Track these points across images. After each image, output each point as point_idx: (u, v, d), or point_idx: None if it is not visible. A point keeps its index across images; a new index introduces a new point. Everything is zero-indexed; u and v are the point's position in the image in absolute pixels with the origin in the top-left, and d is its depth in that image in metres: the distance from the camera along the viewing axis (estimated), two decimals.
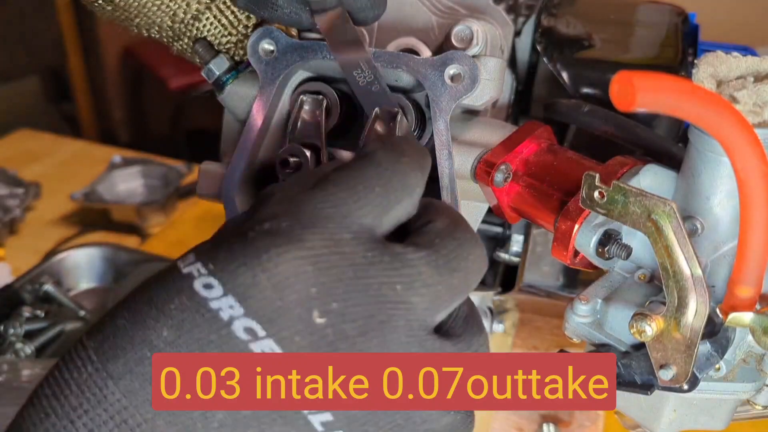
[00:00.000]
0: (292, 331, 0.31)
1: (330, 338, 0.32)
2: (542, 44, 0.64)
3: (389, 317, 0.33)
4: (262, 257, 0.32)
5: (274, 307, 0.31)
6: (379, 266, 0.33)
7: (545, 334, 0.98)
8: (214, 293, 0.32)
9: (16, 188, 1.40)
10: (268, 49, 0.52)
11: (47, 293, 1.03)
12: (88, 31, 2.77)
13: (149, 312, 0.32)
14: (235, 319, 0.31)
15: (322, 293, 0.32)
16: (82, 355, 0.32)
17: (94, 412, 0.31)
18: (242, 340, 0.31)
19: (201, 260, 0.33)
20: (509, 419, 0.86)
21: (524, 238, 0.69)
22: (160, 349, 0.31)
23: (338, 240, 0.33)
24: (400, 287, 0.33)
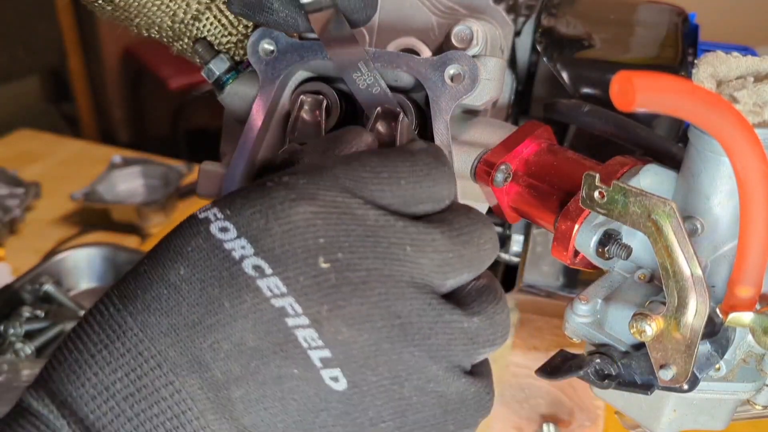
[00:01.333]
0: (297, 272, 0.33)
1: (332, 282, 0.34)
2: (542, 44, 0.64)
3: (394, 272, 0.34)
4: (276, 207, 0.34)
5: (282, 250, 0.33)
6: (390, 229, 0.35)
7: (545, 334, 0.98)
8: (228, 235, 0.34)
9: (16, 188, 1.40)
10: (268, 49, 0.52)
11: (47, 293, 1.03)
12: (88, 31, 2.77)
13: (167, 254, 0.35)
14: (246, 257, 0.33)
15: (330, 243, 0.34)
16: (105, 302, 0.35)
17: (112, 345, 0.33)
18: (250, 276, 0.33)
19: (218, 206, 0.35)
20: (509, 419, 0.86)
21: (524, 238, 0.69)
22: (177, 286, 0.34)
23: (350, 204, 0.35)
24: (410, 248, 0.35)
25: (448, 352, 0.35)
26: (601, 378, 0.43)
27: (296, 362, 0.33)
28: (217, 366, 0.33)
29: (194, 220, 0.35)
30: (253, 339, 0.33)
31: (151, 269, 0.35)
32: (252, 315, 0.33)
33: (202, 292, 0.34)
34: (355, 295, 0.34)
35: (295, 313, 0.33)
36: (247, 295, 0.33)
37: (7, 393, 0.84)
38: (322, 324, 0.33)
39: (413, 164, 0.37)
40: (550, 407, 0.87)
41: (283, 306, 0.33)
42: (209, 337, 0.33)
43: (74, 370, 0.34)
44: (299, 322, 0.33)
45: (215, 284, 0.33)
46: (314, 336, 0.33)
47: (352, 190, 0.35)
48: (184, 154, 2.35)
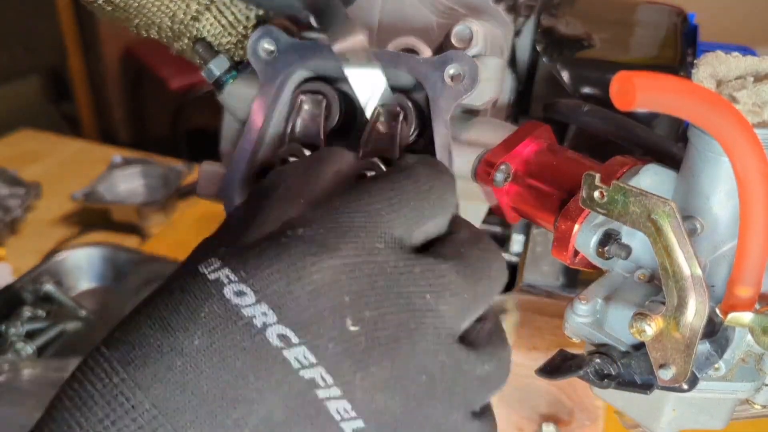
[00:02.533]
0: (326, 339, 0.31)
1: (363, 345, 0.32)
2: (542, 44, 0.64)
3: (419, 325, 0.33)
4: (297, 264, 0.32)
5: (308, 315, 0.31)
6: (409, 276, 0.33)
7: (545, 334, 0.98)
8: (246, 300, 0.31)
9: (16, 188, 1.40)
10: (268, 49, 0.52)
11: (48, 293, 1.03)
12: (88, 31, 2.77)
13: (177, 319, 0.32)
14: (269, 326, 0.31)
15: (355, 301, 0.32)
16: (105, 366, 0.31)
17: (121, 422, 0.30)
18: (276, 346, 0.31)
19: (229, 266, 0.32)
20: (509, 419, 0.86)
21: (524, 238, 0.69)
22: (192, 356, 0.31)
23: (371, 249, 0.33)
24: (430, 296, 0.33)
25: (465, 400, 0.35)
26: (601, 378, 0.43)
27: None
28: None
29: (203, 280, 0.32)
30: (282, 413, 0.31)
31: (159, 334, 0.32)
32: (281, 388, 0.31)
33: (222, 364, 0.31)
34: (385, 358, 0.32)
35: (326, 384, 0.31)
36: (275, 367, 0.31)
37: (8, 393, 0.84)
38: (354, 393, 0.32)
39: (416, 180, 0.36)
40: (550, 407, 0.87)
41: (313, 377, 0.31)
42: (233, 412, 0.31)
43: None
44: (331, 394, 0.31)
45: (237, 356, 0.31)
46: (347, 407, 0.32)
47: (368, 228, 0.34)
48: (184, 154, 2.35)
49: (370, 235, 0.33)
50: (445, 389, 0.34)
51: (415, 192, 0.36)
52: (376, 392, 0.32)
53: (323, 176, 0.37)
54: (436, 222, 0.36)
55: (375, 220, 0.34)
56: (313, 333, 0.31)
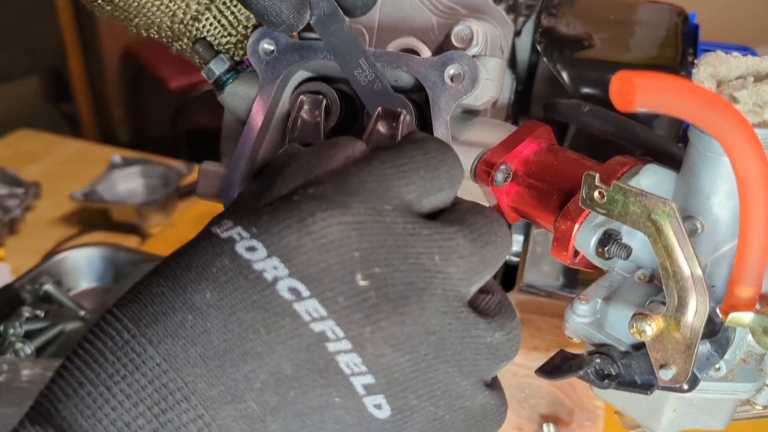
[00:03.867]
0: (336, 292, 0.32)
1: (373, 300, 0.32)
2: (542, 44, 0.64)
3: (428, 285, 0.33)
4: (308, 220, 0.32)
5: (318, 269, 0.31)
6: (418, 237, 0.34)
7: (545, 334, 0.98)
8: (257, 255, 0.32)
9: (16, 188, 1.40)
10: (268, 49, 0.52)
11: (47, 293, 1.03)
12: (88, 31, 2.77)
13: (188, 275, 0.32)
14: (279, 279, 0.31)
15: (365, 258, 0.32)
16: (115, 325, 0.32)
17: (132, 377, 0.30)
18: (286, 299, 0.31)
19: (241, 224, 0.33)
20: (509, 419, 0.86)
21: (524, 238, 0.69)
22: (203, 311, 0.31)
23: (380, 210, 0.33)
24: (438, 257, 0.34)
25: (475, 367, 0.35)
26: (601, 378, 0.43)
27: (338, 390, 0.32)
28: (252, 397, 0.31)
29: (216, 239, 0.33)
30: (291, 367, 0.31)
31: (170, 291, 0.32)
32: (290, 341, 0.31)
33: (232, 317, 0.31)
34: (395, 313, 0.32)
35: (336, 337, 0.31)
36: (284, 320, 0.31)
37: (7, 393, 0.84)
38: (365, 347, 0.32)
39: (426, 152, 0.36)
40: (550, 407, 0.87)
41: (323, 330, 0.31)
42: (243, 366, 0.31)
43: (88, 404, 0.30)
44: (341, 347, 0.31)
45: (247, 309, 0.31)
46: (357, 361, 0.31)
47: (378, 191, 0.34)
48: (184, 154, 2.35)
49: (380, 197, 0.34)
50: (455, 352, 0.34)
51: (426, 162, 0.36)
52: (386, 347, 0.32)
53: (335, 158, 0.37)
54: (444, 194, 0.37)
55: (385, 184, 0.34)
56: (324, 286, 0.31)
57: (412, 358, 0.33)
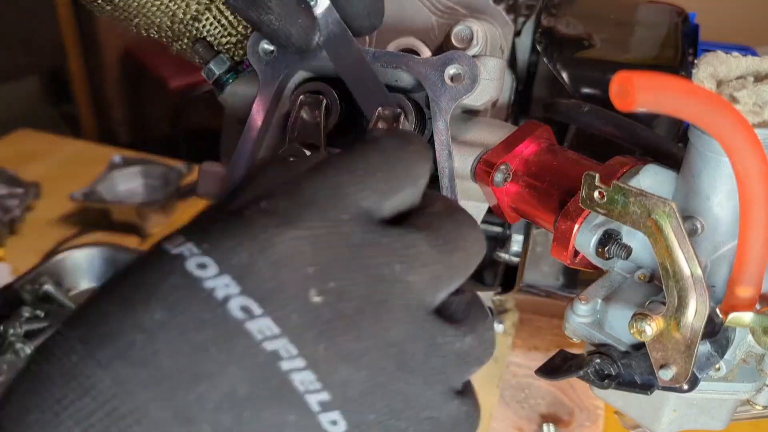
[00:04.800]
0: (289, 310, 0.31)
1: (326, 316, 0.31)
2: (542, 44, 0.64)
3: (386, 296, 0.32)
4: (260, 236, 0.31)
5: (270, 286, 0.31)
6: (377, 247, 0.33)
7: (545, 334, 0.98)
8: (208, 272, 0.31)
9: (16, 188, 1.39)
10: (267, 49, 0.52)
11: (47, 293, 1.03)
12: (88, 31, 2.77)
13: (137, 294, 0.31)
14: (231, 297, 0.30)
15: (320, 273, 0.31)
16: (63, 346, 0.31)
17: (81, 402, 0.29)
18: (238, 318, 0.30)
19: (192, 240, 0.32)
20: (509, 419, 0.86)
21: (524, 238, 0.69)
22: (152, 332, 0.30)
23: (336, 220, 0.32)
24: (399, 267, 0.33)
25: (442, 376, 0.34)
26: (601, 378, 0.43)
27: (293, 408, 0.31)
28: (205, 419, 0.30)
29: (166, 255, 0.32)
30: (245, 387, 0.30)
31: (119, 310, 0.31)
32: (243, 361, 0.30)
33: (182, 337, 0.30)
34: (350, 328, 0.31)
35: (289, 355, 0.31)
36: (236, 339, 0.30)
37: None
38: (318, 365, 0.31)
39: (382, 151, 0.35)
40: (550, 407, 0.87)
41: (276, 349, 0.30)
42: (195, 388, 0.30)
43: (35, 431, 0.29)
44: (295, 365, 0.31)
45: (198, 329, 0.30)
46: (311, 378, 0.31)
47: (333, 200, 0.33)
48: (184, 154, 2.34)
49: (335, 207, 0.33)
50: (418, 363, 0.33)
51: (382, 163, 0.34)
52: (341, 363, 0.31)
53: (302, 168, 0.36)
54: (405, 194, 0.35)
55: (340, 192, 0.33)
56: (276, 304, 0.31)
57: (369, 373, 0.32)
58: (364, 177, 0.34)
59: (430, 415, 0.34)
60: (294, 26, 0.45)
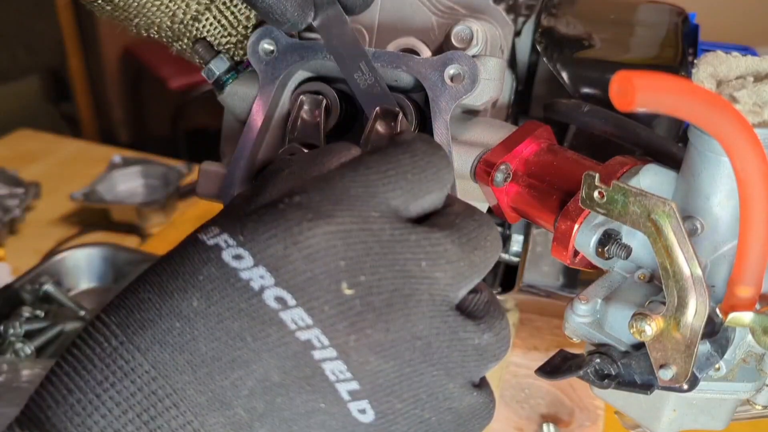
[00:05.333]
0: (322, 301, 0.32)
1: (358, 308, 0.32)
2: (542, 44, 0.64)
3: (414, 291, 0.33)
4: (294, 229, 0.32)
5: (304, 278, 0.32)
6: (405, 243, 0.34)
7: (545, 334, 0.98)
8: (244, 264, 0.32)
9: (16, 188, 1.40)
10: (268, 49, 0.52)
11: (47, 293, 1.03)
12: (88, 31, 2.77)
13: (175, 283, 0.32)
14: (266, 288, 0.32)
15: (351, 266, 0.32)
16: (103, 331, 0.32)
17: (121, 384, 0.31)
18: (272, 308, 0.32)
19: (228, 231, 0.33)
20: (509, 419, 0.86)
21: (524, 238, 0.69)
22: (190, 318, 0.31)
23: (366, 217, 0.33)
24: (425, 264, 0.34)
25: (463, 369, 0.35)
26: (601, 378, 0.43)
27: (324, 396, 0.32)
28: (240, 404, 0.31)
29: (202, 245, 0.33)
30: (278, 374, 0.32)
31: (157, 298, 0.32)
32: (277, 349, 0.32)
33: (219, 325, 0.31)
34: (380, 321, 0.33)
35: (321, 345, 0.32)
36: (271, 328, 0.32)
37: (7, 393, 0.84)
38: (349, 355, 0.32)
39: (413, 155, 0.36)
40: (550, 407, 0.87)
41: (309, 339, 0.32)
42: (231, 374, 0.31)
43: (78, 411, 0.31)
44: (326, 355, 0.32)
45: (234, 317, 0.32)
46: (342, 368, 0.32)
47: (364, 198, 0.34)
48: (184, 154, 2.35)
49: (366, 204, 0.34)
50: (441, 356, 0.34)
51: (412, 166, 0.36)
52: (371, 354, 0.32)
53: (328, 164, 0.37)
54: (432, 197, 0.36)
55: (371, 190, 0.34)
56: (309, 295, 0.32)
57: (396, 364, 0.33)
58: (395, 177, 0.35)
59: (450, 406, 0.35)
60: (289, 1, 0.46)
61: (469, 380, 0.36)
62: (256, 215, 0.33)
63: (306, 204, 0.33)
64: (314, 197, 0.33)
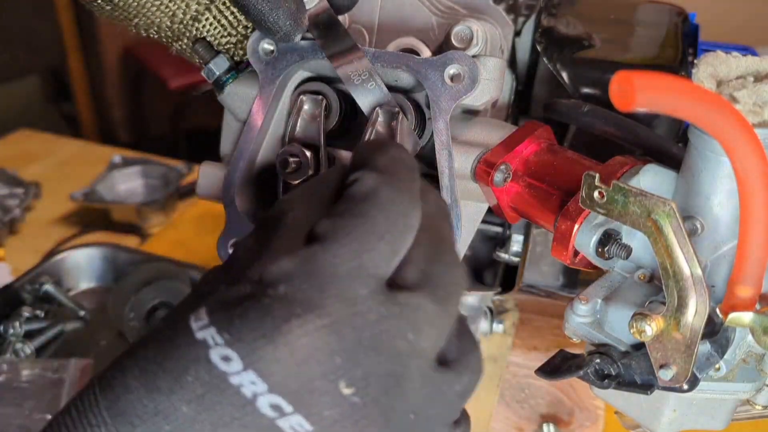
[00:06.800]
0: (321, 406, 0.31)
1: (359, 405, 0.31)
2: (542, 44, 0.64)
3: (405, 368, 0.33)
4: (282, 328, 0.30)
5: (299, 382, 0.30)
6: (391, 320, 0.32)
7: (545, 334, 0.98)
8: (233, 367, 0.30)
9: (16, 188, 1.39)
10: (267, 49, 0.52)
11: (47, 293, 1.03)
12: (88, 31, 2.77)
13: (164, 379, 0.31)
14: (259, 395, 0.30)
15: (346, 363, 0.31)
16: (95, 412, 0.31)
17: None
18: (269, 417, 0.30)
19: (215, 326, 0.31)
20: (509, 419, 0.86)
21: (524, 238, 0.69)
22: (180, 424, 0.30)
23: (354, 299, 0.32)
24: (411, 335, 0.33)
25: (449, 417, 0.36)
26: (601, 378, 0.43)
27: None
28: None
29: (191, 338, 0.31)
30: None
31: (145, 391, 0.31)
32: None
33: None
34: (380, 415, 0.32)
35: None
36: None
37: (7, 393, 0.84)
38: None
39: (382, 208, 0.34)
40: (550, 407, 0.87)
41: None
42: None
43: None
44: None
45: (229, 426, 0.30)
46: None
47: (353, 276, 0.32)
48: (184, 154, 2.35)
49: (355, 284, 0.32)
50: (430, 416, 0.34)
51: (387, 224, 0.34)
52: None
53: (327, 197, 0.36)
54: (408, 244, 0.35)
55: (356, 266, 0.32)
56: (307, 401, 0.31)
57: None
58: (376, 243, 0.33)
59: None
60: (281, 9, 0.45)
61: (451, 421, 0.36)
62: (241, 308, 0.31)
63: (292, 296, 0.31)
64: (300, 284, 0.31)
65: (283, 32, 0.46)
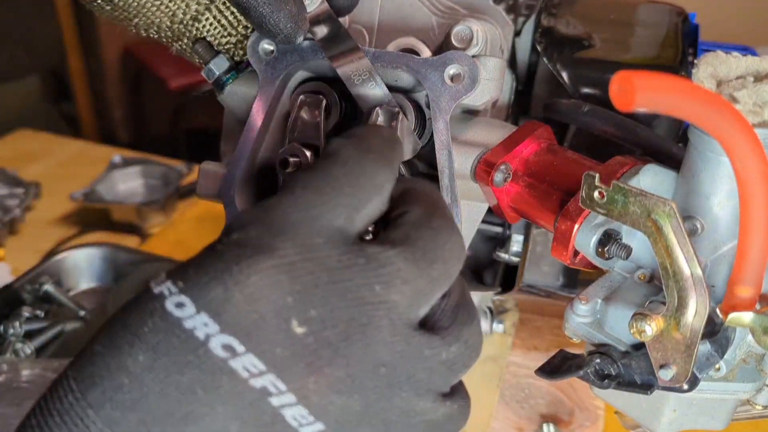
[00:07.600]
0: (273, 344, 0.31)
1: (312, 346, 0.31)
2: (542, 44, 0.64)
3: (371, 318, 0.32)
4: (233, 269, 0.31)
5: (250, 320, 0.30)
6: (354, 268, 0.32)
7: (545, 334, 0.98)
8: (186, 312, 0.31)
9: (16, 188, 1.40)
10: (267, 49, 0.52)
11: (47, 293, 1.03)
12: (88, 31, 2.77)
13: (124, 336, 0.31)
14: (212, 336, 0.30)
15: (299, 301, 0.31)
16: (63, 384, 0.32)
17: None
18: (221, 357, 0.30)
19: (171, 278, 0.32)
20: (509, 419, 0.86)
21: (524, 238, 0.69)
22: (137, 375, 0.30)
23: (310, 245, 0.32)
24: (379, 287, 0.32)
25: (432, 386, 0.34)
26: (601, 378, 0.43)
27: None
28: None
29: (149, 294, 0.32)
30: (236, 425, 0.30)
31: (107, 351, 0.31)
32: (231, 400, 0.30)
33: (167, 380, 0.30)
34: (338, 356, 0.31)
35: (278, 391, 0.31)
36: (222, 379, 0.30)
37: (7, 393, 0.84)
38: (310, 398, 0.31)
39: (343, 164, 0.34)
40: (550, 407, 0.87)
41: (264, 385, 0.31)
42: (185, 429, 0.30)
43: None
44: (285, 401, 0.31)
45: (183, 371, 0.30)
46: (304, 413, 0.31)
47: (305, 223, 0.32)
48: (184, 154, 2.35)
49: (309, 230, 0.32)
50: (408, 377, 0.33)
51: (346, 177, 0.34)
52: (332, 394, 0.31)
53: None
54: (374, 204, 0.35)
55: (311, 214, 0.32)
56: (258, 339, 0.30)
57: (362, 397, 0.32)
58: (331, 195, 0.33)
59: (423, 419, 0.34)
60: (282, 12, 0.45)
61: (439, 393, 0.35)
62: (198, 259, 0.32)
63: (244, 240, 0.31)
64: (252, 232, 0.32)
65: (284, 35, 0.47)
